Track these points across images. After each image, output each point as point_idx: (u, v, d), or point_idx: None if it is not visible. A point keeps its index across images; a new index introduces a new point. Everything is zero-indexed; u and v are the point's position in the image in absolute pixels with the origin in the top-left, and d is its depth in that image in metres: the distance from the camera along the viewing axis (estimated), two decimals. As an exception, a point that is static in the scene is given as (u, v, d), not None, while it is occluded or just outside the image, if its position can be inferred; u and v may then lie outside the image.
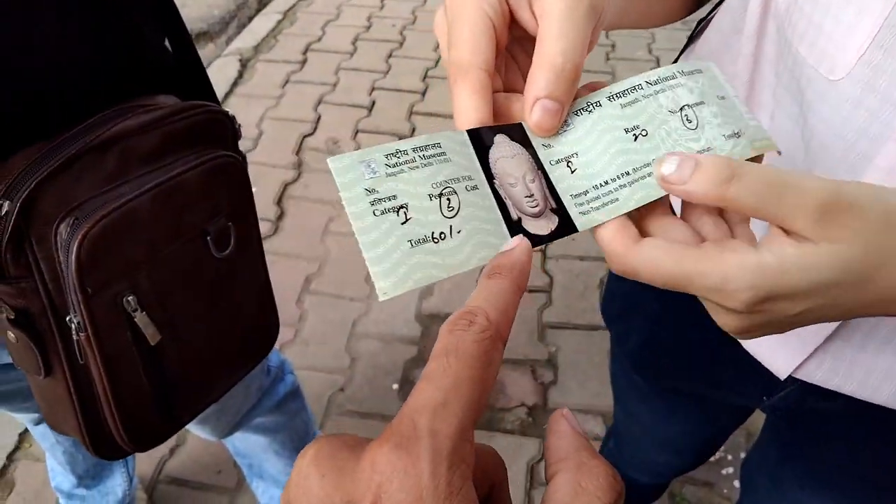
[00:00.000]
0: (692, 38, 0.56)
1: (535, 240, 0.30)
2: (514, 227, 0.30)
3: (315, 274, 1.76)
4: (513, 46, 0.34)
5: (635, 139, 0.32)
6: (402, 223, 0.28)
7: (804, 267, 0.27)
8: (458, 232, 0.29)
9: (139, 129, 0.53)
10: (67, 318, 0.51)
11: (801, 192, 0.27)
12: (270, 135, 2.18)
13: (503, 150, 0.31)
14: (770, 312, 0.29)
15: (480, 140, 0.31)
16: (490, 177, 0.31)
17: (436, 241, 0.28)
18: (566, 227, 0.31)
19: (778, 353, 0.49)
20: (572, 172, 0.32)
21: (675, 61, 0.53)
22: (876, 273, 0.28)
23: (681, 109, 0.33)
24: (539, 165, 0.32)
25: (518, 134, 0.32)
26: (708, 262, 0.28)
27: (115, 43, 0.54)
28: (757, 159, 0.33)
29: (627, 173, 0.32)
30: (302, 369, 1.53)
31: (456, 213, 0.29)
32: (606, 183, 0.32)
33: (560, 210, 0.32)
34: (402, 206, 0.28)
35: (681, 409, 0.76)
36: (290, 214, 1.92)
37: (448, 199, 0.29)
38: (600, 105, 0.33)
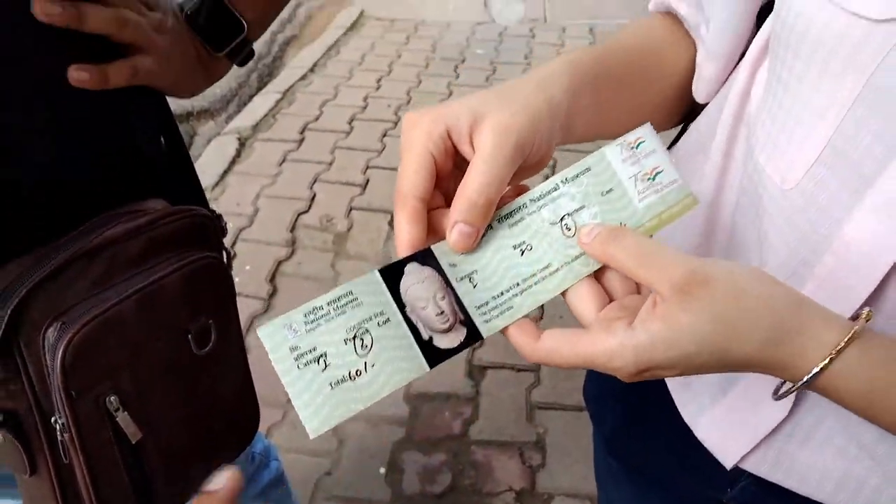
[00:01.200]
0: (676, 139, 0.60)
1: (447, 353, 0.36)
2: (426, 346, 0.36)
3: (305, 352, 1.77)
4: (462, 164, 0.39)
5: (522, 254, 0.38)
6: (323, 370, 0.33)
7: (670, 344, 0.33)
8: (373, 366, 0.34)
9: (126, 236, 0.56)
10: (52, 419, 0.53)
11: (667, 264, 0.34)
12: (266, 212, 2.23)
13: (413, 277, 0.37)
14: (651, 375, 0.35)
15: (393, 273, 0.36)
16: (402, 306, 0.36)
17: (353, 378, 0.33)
18: (473, 336, 0.37)
19: (726, 443, 0.51)
20: (474, 287, 0.38)
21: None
22: (729, 344, 0.33)
23: (561, 220, 0.39)
24: (447, 283, 0.37)
25: (429, 258, 0.37)
26: (596, 346, 0.34)
27: (111, 155, 0.58)
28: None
29: (518, 284, 0.38)
30: (289, 452, 1.52)
31: (369, 350, 0.34)
32: (502, 294, 0.38)
33: (467, 321, 0.37)
34: (321, 356, 0.33)
35: (653, 497, 0.76)
36: (283, 291, 1.95)
37: (361, 339, 0.34)
38: (492, 227, 0.38)
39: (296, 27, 3.93)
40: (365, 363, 0.34)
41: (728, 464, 0.51)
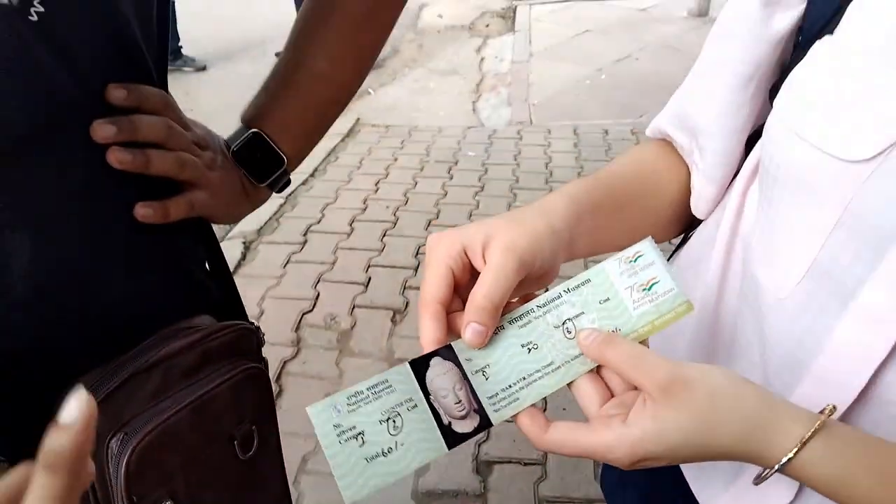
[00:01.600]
0: (678, 248, 0.67)
1: (463, 437, 0.42)
2: (446, 430, 0.42)
3: (311, 452, 1.78)
4: (476, 276, 0.46)
5: (529, 352, 0.45)
6: (360, 446, 0.39)
7: (657, 436, 0.39)
8: (402, 444, 0.40)
9: (180, 351, 0.62)
10: (111, 525, 0.57)
11: (653, 367, 0.40)
12: (271, 313, 2.29)
13: (437, 369, 0.44)
14: (644, 464, 0.40)
15: (420, 366, 0.43)
16: (427, 394, 0.43)
17: (385, 455, 0.40)
18: (485, 423, 0.43)
19: None
20: (487, 379, 0.44)
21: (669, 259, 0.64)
22: (708, 437, 0.39)
23: (563, 323, 0.45)
24: (464, 375, 0.44)
25: (449, 353, 0.44)
26: (597, 439, 0.40)
27: (167, 279, 0.65)
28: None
29: (524, 378, 0.44)
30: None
31: (399, 431, 0.41)
32: (510, 386, 0.44)
33: (480, 409, 0.43)
34: (360, 433, 0.40)
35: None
36: (288, 391, 1.98)
37: (393, 421, 0.41)
38: (503, 328, 0.46)
39: (295, 134, 4.11)
40: (396, 442, 0.40)
41: None
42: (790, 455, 0.38)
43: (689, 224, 0.64)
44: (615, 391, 0.44)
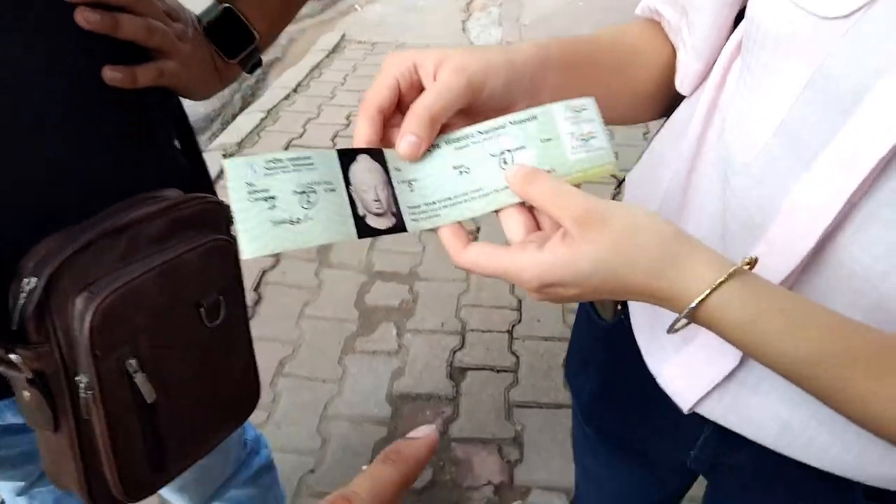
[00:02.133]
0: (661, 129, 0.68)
1: (374, 231, 0.42)
2: (359, 220, 0.42)
3: (289, 357, 1.82)
4: None
5: (459, 174, 0.46)
6: (269, 209, 0.39)
7: (568, 263, 0.40)
8: (311, 219, 0.40)
9: (148, 217, 0.63)
10: (77, 378, 0.59)
11: (570, 201, 0.40)
12: (251, 224, 2.29)
13: (363, 165, 0.44)
14: (553, 291, 0.41)
15: (348, 157, 0.43)
16: (348, 183, 0.43)
17: (292, 224, 0.39)
18: (399, 226, 0.44)
19: (685, 388, 0.57)
20: (411, 191, 0.45)
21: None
22: (619, 269, 0.40)
23: (501, 153, 0.46)
24: (389, 182, 0.44)
25: (378, 157, 0.44)
26: (511, 261, 0.41)
27: (136, 149, 0.65)
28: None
29: (449, 198, 0.45)
30: (273, 450, 1.56)
31: (312, 207, 0.41)
32: (434, 203, 0.45)
33: (398, 215, 0.44)
34: (271, 197, 0.39)
35: (626, 463, 0.82)
36: (267, 300, 2.00)
37: (308, 197, 0.40)
38: (439, 146, 0.46)
39: (279, 50, 4.01)
40: (306, 214, 0.40)
41: (686, 407, 0.57)
42: (702, 296, 0.39)
43: (668, 107, 0.64)
44: (543, 227, 0.45)
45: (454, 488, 1.52)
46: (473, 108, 0.46)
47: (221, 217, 0.71)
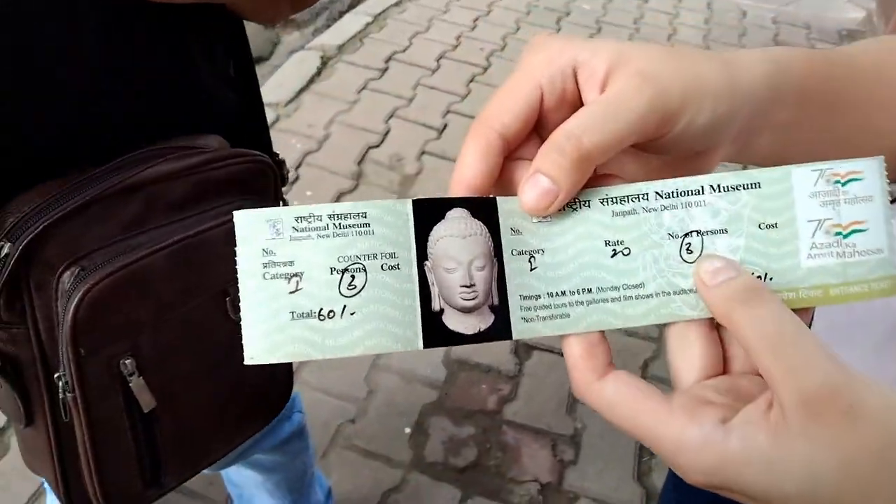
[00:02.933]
0: None
1: (452, 339, 0.27)
2: (430, 318, 0.27)
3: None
4: None
5: (613, 255, 0.29)
6: (290, 292, 0.26)
7: (769, 468, 0.24)
8: (352, 314, 0.26)
9: (170, 175, 0.48)
10: (56, 375, 0.46)
11: (805, 363, 0.24)
12: (336, 139, 2.15)
13: (454, 227, 0.28)
14: (720, 492, 0.26)
15: (429, 212, 0.28)
16: (423, 256, 0.27)
17: (321, 318, 0.26)
18: (501, 330, 0.28)
19: None
20: (531, 270, 0.29)
21: None
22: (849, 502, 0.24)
23: (685, 235, 0.28)
24: (497, 253, 0.28)
25: (486, 212, 0.28)
26: (668, 428, 0.25)
27: (162, 73, 0.49)
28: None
29: (589, 290, 0.29)
30: (315, 391, 1.48)
31: (356, 293, 0.26)
32: (564, 294, 0.29)
33: (501, 309, 0.28)
34: (296, 274, 0.26)
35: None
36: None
37: (352, 276, 0.26)
38: (589, 206, 0.29)
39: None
40: (344, 306, 0.26)
41: None
42: None
43: None
44: (732, 365, 0.29)
45: (497, 476, 1.39)
46: (653, 145, 0.28)
47: (270, 180, 0.55)
